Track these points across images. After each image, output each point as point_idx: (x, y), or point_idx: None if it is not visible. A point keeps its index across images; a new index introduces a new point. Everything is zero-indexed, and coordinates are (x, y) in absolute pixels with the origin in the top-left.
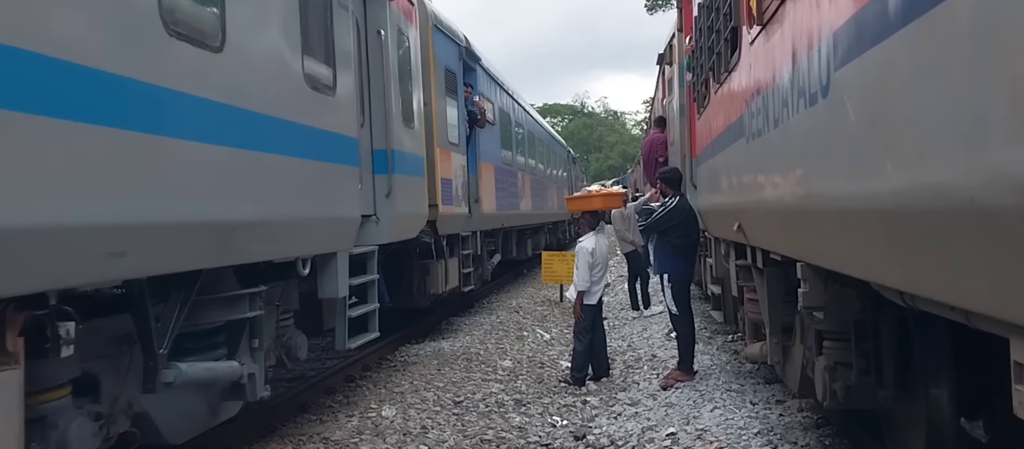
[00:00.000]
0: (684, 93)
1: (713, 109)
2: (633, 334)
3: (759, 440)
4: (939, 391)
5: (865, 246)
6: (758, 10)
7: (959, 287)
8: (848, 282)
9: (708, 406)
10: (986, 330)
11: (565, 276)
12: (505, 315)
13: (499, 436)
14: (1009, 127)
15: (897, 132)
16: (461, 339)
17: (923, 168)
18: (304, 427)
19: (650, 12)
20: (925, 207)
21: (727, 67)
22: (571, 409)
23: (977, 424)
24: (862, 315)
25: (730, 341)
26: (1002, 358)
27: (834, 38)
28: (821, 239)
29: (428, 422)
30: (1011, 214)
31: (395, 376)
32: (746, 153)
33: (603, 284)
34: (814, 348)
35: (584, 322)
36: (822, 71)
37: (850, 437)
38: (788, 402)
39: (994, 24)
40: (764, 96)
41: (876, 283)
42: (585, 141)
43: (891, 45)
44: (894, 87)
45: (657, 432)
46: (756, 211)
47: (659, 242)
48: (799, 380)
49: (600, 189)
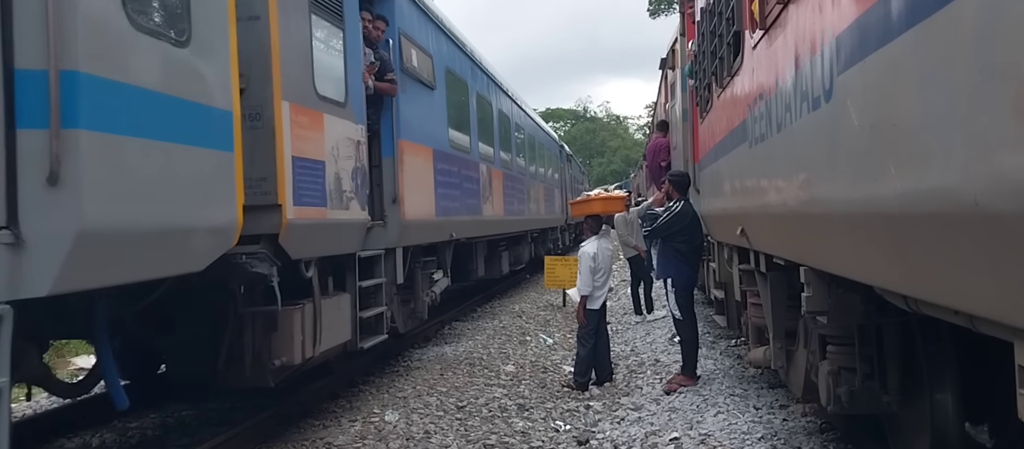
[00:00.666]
0: (687, 97)
1: (716, 113)
2: (636, 339)
3: (763, 445)
4: (943, 396)
5: (868, 250)
6: (760, 14)
7: (963, 291)
8: (852, 286)
9: (712, 411)
10: (990, 334)
11: (568, 281)
12: (508, 320)
13: (502, 441)
14: (1013, 131)
15: (901, 136)
16: (464, 344)
17: (927, 172)
18: (307, 432)
19: (653, 16)
20: (929, 211)
21: (730, 71)
22: (574, 414)
23: (982, 429)
24: (866, 320)
25: (733, 346)
26: (1007, 362)
27: (837, 42)
28: (824, 243)
29: (431, 427)
30: (1015, 218)
31: (398, 381)
32: (749, 157)
33: (606, 288)
34: (818, 353)
35: (587, 327)
36: (825, 75)
37: (854, 442)
38: (792, 407)
39: (998, 28)
40: (767, 100)
41: (880, 287)
42: (587, 146)
43: (895, 49)
44: (897, 91)
45: (660, 437)
46: (759, 215)
47: (663, 247)
48: (803, 385)
49: (601, 193)
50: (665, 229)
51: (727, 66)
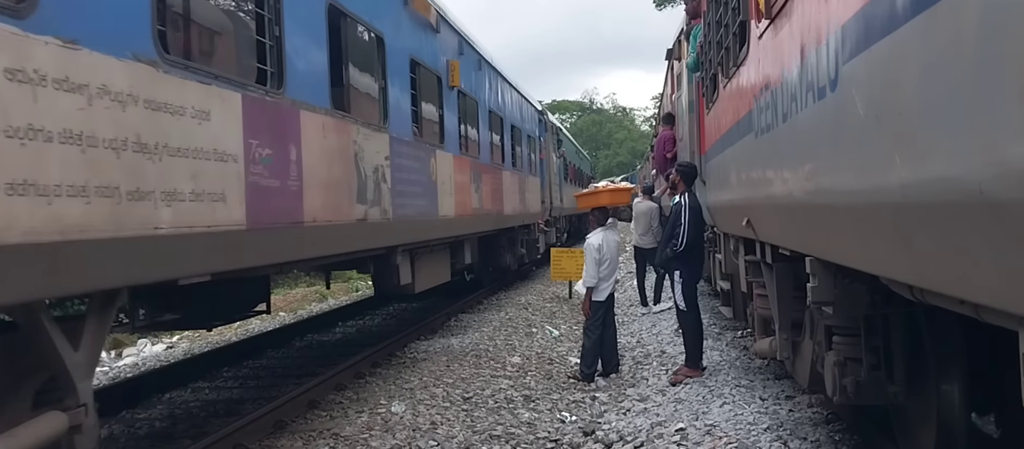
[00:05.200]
0: (693, 89)
1: (722, 105)
2: (642, 330)
3: (768, 436)
4: (949, 386)
5: (874, 240)
6: (766, 4)
7: (968, 280)
8: (858, 277)
9: (717, 402)
10: (996, 323)
11: (574, 273)
12: (514, 312)
13: (508, 432)
14: (1018, 119)
15: (906, 125)
16: (470, 336)
17: (932, 161)
18: (314, 423)
19: (659, 8)
20: (934, 200)
21: (736, 62)
22: (580, 405)
23: (988, 419)
24: (872, 310)
25: (739, 337)
26: (1013, 352)
27: (842, 31)
28: (830, 234)
29: (437, 418)
30: (1021, 207)
31: (404, 372)
32: (755, 148)
33: (612, 280)
34: (824, 343)
35: (593, 318)
36: (830, 65)
37: (860, 433)
38: (798, 398)
39: (1004, 15)
40: (773, 91)
41: (885, 277)
42: (594, 138)
43: (900, 37)
44: (903, 80)
45: (666, 428)
46: (765, 206)
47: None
48: (809, 376)
49: (608, 185)
50: (683, 241)
51: (733, 56)
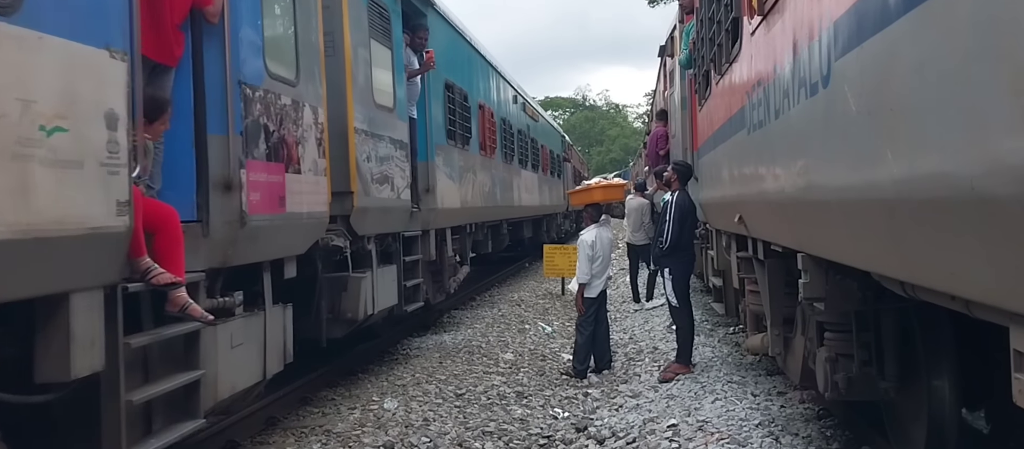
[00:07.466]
0: (685, 85)
1: (714, 101)
2: (634, 326)
3: (760, 431)
4: (940, 382)
5: (866, 236)
6: (759, 1)
7: (959, 276)
8: (849, 273)
9: (709, 398)
10: (987, 319)
11: (567, 269)
12: (507, 308)
13: (501, 428)
14: (1010, 115)
15: (897, 121)
16: (463, 332)
17: (923, 157)
18: (306, 419)
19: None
20: (925, 196)
21: (728, 58)
22: (573, 401)
23: (979, 415)
24: (863, 306)
25: (731, 333)
26: (1004, 347)
27: (835, 27)
28: (822, 230)
29: (430, 414)
30: (1012, 203)
31: (397, 369)
32: (747, 145)
33: (605, 276)
34: (815, 339)
35: (586, 315)
36: (823, 61)
37: (852, 428)
38: (790, 393)
39: (995, 11)
40: (765, 87)
41: (877, 273)
42: (586, 134)
43: (892, 33)
44: (895, 76)
45: (658, 424)
46: (757, 203)
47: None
48: (801, 372)
49: (602, 182)
50: (675, 239)
51: (725, 53)
